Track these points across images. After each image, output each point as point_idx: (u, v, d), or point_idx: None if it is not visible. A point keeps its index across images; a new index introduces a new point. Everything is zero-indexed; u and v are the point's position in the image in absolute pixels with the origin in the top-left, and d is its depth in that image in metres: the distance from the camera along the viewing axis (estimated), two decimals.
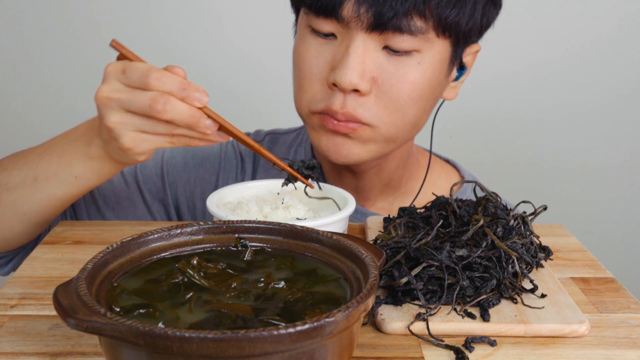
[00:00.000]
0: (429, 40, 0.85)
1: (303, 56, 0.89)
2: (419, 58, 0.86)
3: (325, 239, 0.60)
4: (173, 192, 1.05)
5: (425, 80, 0.87)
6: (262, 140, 1.11)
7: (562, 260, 0.81)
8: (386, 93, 0.86)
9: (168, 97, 0.70)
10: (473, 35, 0.91)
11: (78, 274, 0.52)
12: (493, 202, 0.76)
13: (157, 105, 0.70)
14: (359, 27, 0.83)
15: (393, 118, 0.88)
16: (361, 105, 0.86)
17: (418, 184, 1.04)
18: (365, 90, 0.85)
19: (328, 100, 0.87)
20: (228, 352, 0.44)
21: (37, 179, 0.83)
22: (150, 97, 0.70)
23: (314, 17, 0.86)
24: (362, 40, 0.84)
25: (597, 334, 0.64)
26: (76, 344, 0.60)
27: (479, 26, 0.89)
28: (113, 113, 0.73)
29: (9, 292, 0.70)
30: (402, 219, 0.79)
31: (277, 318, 0.50)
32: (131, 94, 0.72)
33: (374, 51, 0.85)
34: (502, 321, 0.63)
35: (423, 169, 1.04)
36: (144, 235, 0.60)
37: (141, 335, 0.44)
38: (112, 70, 0.73)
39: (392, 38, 0.84)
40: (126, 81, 0.72)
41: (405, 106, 0.88)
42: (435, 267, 0.67)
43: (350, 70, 0.83)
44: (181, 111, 0.71)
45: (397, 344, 0.61)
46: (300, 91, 0.91)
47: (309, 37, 0.89)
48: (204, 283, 0.56)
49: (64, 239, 0.85)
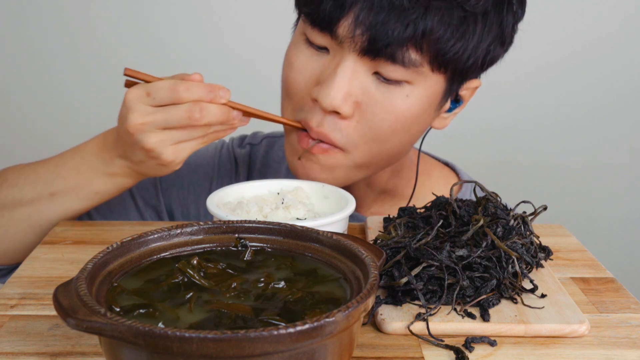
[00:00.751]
0: (422, 74, 0.81)
1: (292, 62, 0.87)
2: (408, 90, 0.82)
3: (325, 239, 0.60)
4: (167, 198, 1.05)
5: (412, 114, 0.84)
6: (259, 144, 1.09)
7: (562, 260, 0.81)
8: (368, 121, 0.83)
9: (201, 104, 0.76)
10: (472, 72, 0.86)
11: (78, 274, 0.52)
12: (493, 202, 0.76)
13: (195, 114, 0.75)
14: (351, 48, 0.80)
15: (369, 146, 0.85)
16: (339, 129, 0.84)
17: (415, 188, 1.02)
18: (346, 113, 0.82)
19: (307, 114, 0.85)
20: (228, 352, 0.44)
21: (55, 195, 0.86)
22: (185, 109, 0.75)
23: (310, 27, 0.84)
24: (352, 62, 0.81)
25: (597, 334, 0.64)
26: (76, 344, 0.60)
27: (480, 64, 0.85)
28: (150, 135, 0.76)
29: (9, 292, 0.70)
30: (402, 219, 0.78)
31: (277, 318, 0.50)
32: (165, 112, 0.76)
33: (363, 75, 0.82)
34: (502, 321, 0.63)
35: (421, 173, 1.02)
36: (144, 235, 0.60)
37: (141, 335, 0.44)
38: (135, 97, 0.76)
39: (383, 66, 0.80)
40: (154, 102, 0.76)
41: (385, 136, 0.84)
42: (435, 267, 0.67)
43: (334, 91, 0.80)
44: (215, 112, 0.77)
45: (397, 344, 0.61)
46: (285, 98, 0.89)
47: (301, 46, 0.86)
48: (204, 283, 0.56)
49: (64, 239, 0.85)
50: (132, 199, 1.03)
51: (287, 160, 0.92)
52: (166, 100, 0.76)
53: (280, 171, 1.06)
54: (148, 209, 1.04)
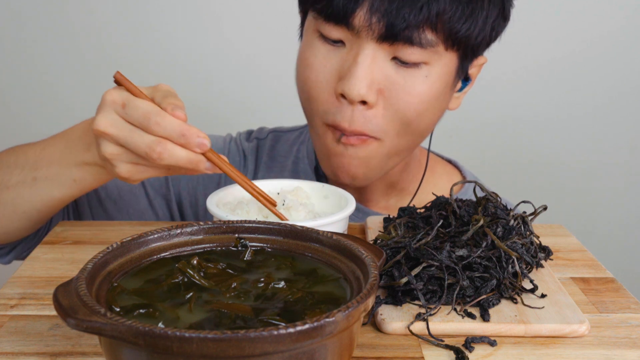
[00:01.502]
0: (438, 53, 0.85)
1: (310, 62, 0.88)
2: (426, 71, 0.85)
3: (325, 239, 0.60)
4: (176, 188, 1.06)
5: (432, 93, 0.87)
6: (265, 138, 1.11)
7: (562, 260, 0.81)
8: (393, 105, 0.86)
9: (165, 144, 0.68)
10: (481, 49, 0.91)
11: (78, 274, 0.52)
12: (493, 202, 0.76)
13: (153, 153, 0.69)
14: (369, 37, 0.82)
15: (398, 131, 0.88)
16: (369, 120, 0.86)
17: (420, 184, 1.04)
18: (372, 101, 0.84)
19: (337, 115, 0.86)
20: (228, 352, 0.44)
21: (37, 179, 0.83)
22: (147, 144, 0.69)
23: (324, 22, 0.85)
24: (371, 50, 0.83)
25: (597, 334, 0.64)
26: (76, 344, 0.60)
27: (487, 39, 0.89)
28: (109, 145, 0.72)
29: (9, 292, 0.70)
30: (402, 219, 0.79)
31: (277, 318, 0.50)
32: (129, 133, 0.70)
33: (382, 61, 0.84)
34: (502, 321, 0.63)
35: None
36: (144, 235, 0.60)
37: (141, 335, 0.44)
38: (111, 101, 0.71)
39: (401, 49, 0.83)
40: (125, 117, 0.71)
41: (412, 119, 0.87)
42: (435, 267, 0.67)
43: (359, 81, 0.82)
44: (179, 157, 0.69)
45: (397, 344, 0.61)
46: (310, 100, 0.90)
47: (316, 43, 0.87)
48: (204, 283, 0.56)
49: (64, 239, 0.85)
50: (142, 186, 1.04)
51: (320, 162, 0.93)
52: (136, 123, 0.70)
53: (286, 165, 1.07)
54: (158, 198, 1.05)
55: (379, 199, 1.04)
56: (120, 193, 1.02)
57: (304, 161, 1.06)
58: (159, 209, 1.05)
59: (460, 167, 1.10)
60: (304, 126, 1.10)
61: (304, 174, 1.05)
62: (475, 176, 1.10)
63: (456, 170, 1.10)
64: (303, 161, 1.06)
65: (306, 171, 1.05)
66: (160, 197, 1.05)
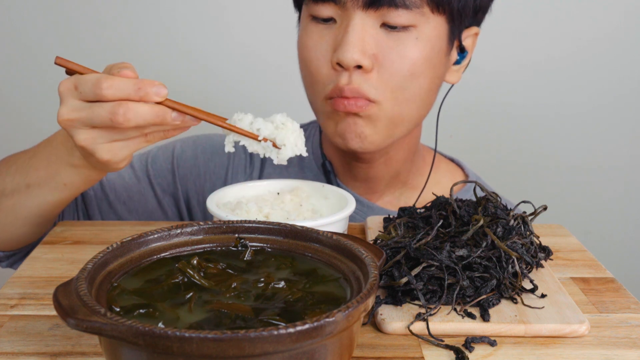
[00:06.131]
0: (425, 15, 0.88)
1: (306, 44, 0.92)
2: (416, 33, 0.88)
3: (325, 239, 0.60)
4: (183, 186, 1.07)
5: (425, 56, 0.89)
6: None
7: (562, 260, 0.81)
8: (387, 69, 0.88)
9: (126, 104, 0.67)
10: (468, 15, 0.93)
11: (78, 274, 0.52)
12: (493, 202, 0.76)
13: (118, 117, 0.67)
14: (355, 7, 0.86)
15: (395, 94, 0.90)
16: (366, 81, 0.88)
17: (424, 179, 1.05)
18: (367, 65, 0.87)
19: (336, 82, 0.89)
20: (228, 352, 0.44)
21: (30, 186, 0.84)
22: (108, 110, 0.68)
23: (313, 4, 0.90)
24: (360, 19, 0.87)
25: (597, 334, 0.64)
26: (76, 344, 0.60)
27: (472, 6, 0.92)
28: (79, 132, 0.71)
29: (9, 292, 0.70)
30: (402, 219, 0.79)
31: (277, 318, 0.50)
32: (89, 110, 0.69)
33: (372, 28, 0.88)
34: (502, 321, 0.63)
35: (429, 165, 1.06)
36: (144, 235, 0.60)
37: (141, 335, 0.44)
38: (65, 89, 0.71)
39: (388, 14, 0.87)
40: (81, 96, 0.70)
41: (407, 82, 0.89)
42: (435, 267, 0.67)
43: (351, 47, 0.86)
44: (144, 114, 0.68)
45: (397, 344, 0.61)
46: (310, 80, 0.93)
47: (310, 26, 0.92)
48: (204, 283, 0.56)
49: (64, 239, 0.85)
50: (150, 186, 1.05)
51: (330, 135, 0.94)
52: (91, 96, 0.68)
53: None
54: (166, 197, 1.06)
55: (384, 191, 1.05)
56: (129, 194, 1.03)
57: (309, 157, 1.07)
58: (168, 208, 1.06)
59: (463, 166, 1.11)
60: (308, 123, 1.11)
61: (309, 170, 1.06)
62: (477, 175, 1.11)
63: (459, 169, 1.11)
64: (309, 157, 1.07)
65: (311, 167, 1.06)
66: (168, 196, 1.06)
